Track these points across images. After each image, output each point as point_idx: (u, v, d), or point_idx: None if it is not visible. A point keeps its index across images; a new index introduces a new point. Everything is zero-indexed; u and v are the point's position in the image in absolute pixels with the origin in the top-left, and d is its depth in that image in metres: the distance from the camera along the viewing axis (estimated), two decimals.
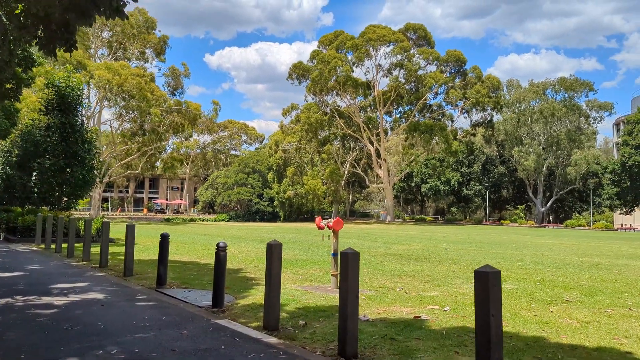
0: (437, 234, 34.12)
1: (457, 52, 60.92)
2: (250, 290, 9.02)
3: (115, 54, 52.25)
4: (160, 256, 9.36)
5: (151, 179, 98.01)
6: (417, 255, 16.83)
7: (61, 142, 20.16)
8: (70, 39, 6.14)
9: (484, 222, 67.87)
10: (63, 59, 39.12)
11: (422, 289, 9.65)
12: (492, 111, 63.81)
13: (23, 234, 18.97)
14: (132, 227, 10.64)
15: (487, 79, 60.79)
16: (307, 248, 19.06)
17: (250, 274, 11.18)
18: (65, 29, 6.03)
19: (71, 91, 20.58)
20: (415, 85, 62.73)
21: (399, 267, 13.39)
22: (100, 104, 49.87)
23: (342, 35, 62.51)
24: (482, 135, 70.08)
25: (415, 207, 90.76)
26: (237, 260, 14.01)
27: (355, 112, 64.37)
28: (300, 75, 64.03)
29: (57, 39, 6.06)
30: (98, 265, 12.04)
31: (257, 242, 21.85)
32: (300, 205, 71.55)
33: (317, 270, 12.22)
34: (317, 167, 68.33)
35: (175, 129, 53.52)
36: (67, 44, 6.13)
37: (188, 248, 17.94)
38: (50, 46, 6.16)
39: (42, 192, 20.19)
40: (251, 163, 79.87)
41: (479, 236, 32.86)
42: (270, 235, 28.94)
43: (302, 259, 14.68)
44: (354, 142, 70.17)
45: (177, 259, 14.26)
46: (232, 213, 77.03)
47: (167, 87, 55.75)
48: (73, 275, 10.63)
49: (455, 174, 71.60)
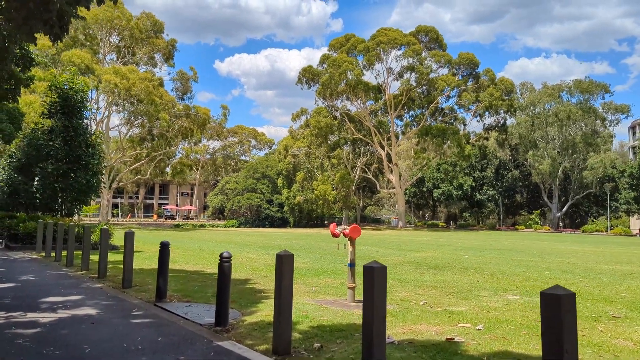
0: (452, 240, 33.08)
1: (470, 55, 59.88)
2: (258, 305, 8.16)
3: (124, 59, 51.87)
4: (159, 267, 8.53)
5: (161, 185, 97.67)
6: (436, 264, 15.88)
7: (64, 146, 19.48)
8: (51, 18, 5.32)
9: (497, 227, 66.55)
10: (71, 62, 38.74)
11: (447, 303, 8.73)
12: (506, 114, 62.64)
13: (24, 242, 18.28)
14: (131, 234, 9.83)
15: (501, 82, 59.64)
16: (319, 256, 18.19)
17: (258, 285, 10.32)
18: (44, 8, 5.23)
19: (75, 93, 19.92)
20: (426, 88, 61.73)
21: (418, 276, 12.47)
22: (109, 109, 49.46)
23: (353, 39, 61.73)
24: (495, 139, 68.84)
25: (427, 212, 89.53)
26: (245, 270, 13.16)
27: (365, 116, 63.49)
28: (309, 79, 63.30)
29: (35, 18, 5.25)
30: (96, 275, 11.24)
31: (266, 250, 21.01)
32: (310, 210, 70.65)
33: (330, 281, 11.34)
34: (327, 172, 67.46)
35: (184, 134, 52.93)
36: (46, 25, 5.32)
37: (194, 256, 17.13)
38: (27, 27, 5.36)
39: (45, 197, 19.50)
40: (261, 168, 79.15)
41: (495, 242, 31.78)
42: (280, 241, 28.09)
43: (315, 268, 13.80)
44: (365, 146, 69.23)
45: (182, 267, 13.45)
46: (242, 219, 76.28)
47: (176, 91, 55.30)
48: (68, 287, 9.83)
49: (468, 179, 70.37)
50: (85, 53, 42.92)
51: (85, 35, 47.90)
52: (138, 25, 49.52)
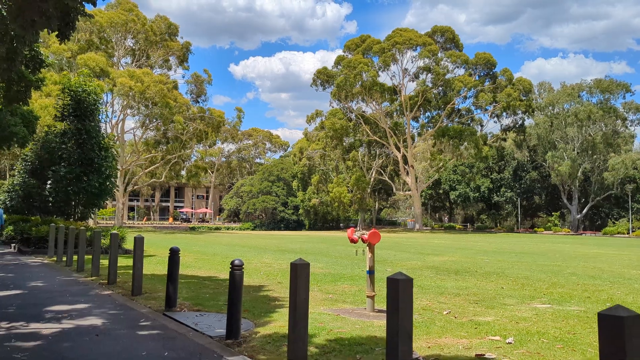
0: (470, 243, 32.38)
1: (487, 55, 59.02)
2: (272, 315, 7.73)
3: (139, 62, 51.96)
4: (169, 274, 8.15)
5: (177, 187, 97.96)
6: (456, 269, 15.32)
7: (77, 149, 19.29)
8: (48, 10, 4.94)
9: (516, 229, 65.43)
10: (86, 66, 38.79)
11: (473, 312, 8.21)
12: (524, 115, 61.62)
13: (37, 246, 18.11)
14: (140, 239, 9.48)
15: (519, 82, 58.65)
16: (335, 260, 17.73)
17: (273, 293, 9.89)
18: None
19: (87, 96, 19.74)
20: (443, 89, 60.99)
21: (439, 282, 11.95)
22: (124, 112, 49.53)
23: (368, 40, 61.24)
24: (513, 140, 67.75)
25: (443, 214, 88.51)
26: (260, 275, 12.75)
27: (381, 117, 62.90)
28: (324, 81, 62.91)
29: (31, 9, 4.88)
30: (106, 281, 10.91)
31: (281, 254, 20.60)
32: (326, 213, 70.21)
33: (348, 287, 10.87)
34: (342, 175, 66.95)
35: (199, 137, 52.83)
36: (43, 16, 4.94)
37: (207, 261, 16.78)
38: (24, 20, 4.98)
39: (58, 201, 19.32)
40: (275, 171, 78.94)
41: (515, 245, 31.01)
42: (295, 245, 27.68)
43: (331, 273, 13.35)
44: (380, 148, 68.59)
45: (195, 273, 13.08)
46: (257, 221, 76.10)
47: (190, 94, 55.25)
48: (75, 294, 9.50)
49: (485, 180, 69.34)
50: (100, 56, 43.04)
51: (100, 39, 48.07)
52: (153, 28, 49.55)
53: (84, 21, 45.94)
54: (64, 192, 19.07)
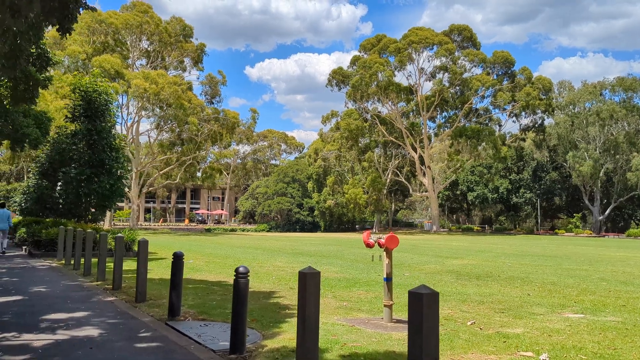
0: (490, 246, 31.52)
1: (505, 53, 57.93)
2: (281, 325, 7.17)
3: (153, 63, 51.93)
4: (172, 281, 7.65)
5: (192, 189, 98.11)
6: (478, 273, 14.62)
7: (87, 150, 18.97)
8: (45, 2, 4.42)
9: (535, 231, 64.10)
10: (101, 68, 38.72)
11: (499, 323, 7.57)
12: (543, 114, 60.36)
13: (47, 248, 17.81)
14: (144, 243, 8.99)
15: (538, 80, 57.45)
16: (350, 263, 17.13)
17: (284, 300, 9.33)
18: None
19: (98, 96, 19.42)
20: (460, 88, 60.03)
21: (460, 289, 11.29)
22: (139, 114, 49.50)
23: (384, 39, 60.54)
24: (532, 140, 66.42)
25: (460, 215, 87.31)
26: (271, 280, 12.21)
27: (397, 118, 62.10)
28: (340, 81, 62.36)
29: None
30: (111, 286, 10.46)
31: (294, 256, 20.05)
32: (341, 214, 69.54)
33: (363, 294, 10.27)
34: (358, 176, 66.25)
35: (214, 138, 52.60)
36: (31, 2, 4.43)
37: (218, 264, 16.30)
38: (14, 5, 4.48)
39: (68, 203, 19.01)
40: (291, 172, 78.55)
41: (536, 248, 30.08)
42: (309, 247, 27.13)
43: (346, 278, 12.75)
44: (396, 149, 67.78)
45: (204, 277, 12.59)
46: (273, 223, 75.76)
47: (205, 95, 55.07)
48: (77, 300, 9.05)
49: (504, 181, 68.08)
50: (115, 58, 43.02)
51: (115, 41, 48.12)
52: (167, 30, 49.46)
53: (98, 22, 46.04)
54: (74, 193, 18.74)
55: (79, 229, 14.05)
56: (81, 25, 45.72)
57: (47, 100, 36.36)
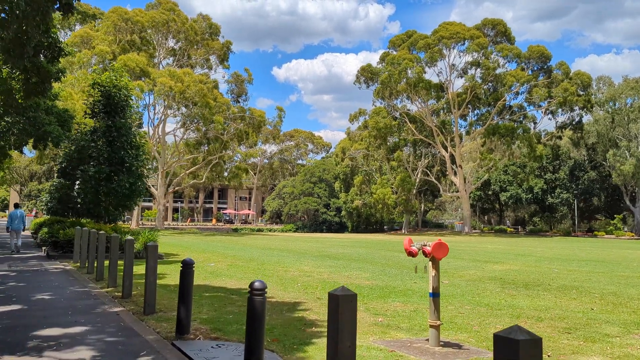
0: (528, 249, 29.80)
1: (541, 48, 55.67)
2: (307, 348, 6.03)
3: (180, 62, 51.53)
4: (181, 294, 6.60)
5: (220, 189, 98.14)
6: (524, 280, 13.23)
7: (107, 148, 18.22)
8: None
9: (572, 233, 61.50)
10: (126, 66, 38.35)
11: (570, 348, 6.27)
12: (581, 111, 57.82)
13: (64, 250, 17.12)
14: (153, 247, 7.97)
15: (576, 76, 55.03)
16: (382, 268, 15.90)
17: (310, 314, 8.19)
18: None
19: (118, 91, 18.66)
20: (493, 85, 58.01)
21: (510, 300, 9.97)
22: (165, 113, 49.12)
23: (414, 35, 58.97)
24: (570, 138, 63.81)
25: (492, 216, 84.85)
26: (296, 288, 11.09)
27: (427, 116, 60.41)
28: (368, 78, 61.04)
29: None
30: (121, 294, 9.50)
31: (322, 259, 18.91)
32: (369, 215, 68.10)
33: (400, 306, 9.06)
34: (386, 176, 64.75)
35: (240, 137, 51.89)
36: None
37: (241, 268, 15.27)
38: None
39: (86, 202, 18.29)
40: (317, 172, 77.55)
41: (579, 251, 28.26)
42: (337, 249, 25.95)
43: (379, 287, 11.55)
44: (426, 148, 66.04)
45: (223, 284, 11.55)
46: (299, 223, 74.91)
47: (231, 94, 54.38)
48: (79, 311, 8.09)
49: (539, 181, 65.57)
50: (140, 57, 42.65)
51: (142, 39, 47.82)
52: (194, 27, 48.94)
53: (124, 21, 45.78)
54: (93, 192, 18.00)
55: (92, 230, 13.20)
56: (107, 24, 45.58)
57: (74, 99, 36.08)
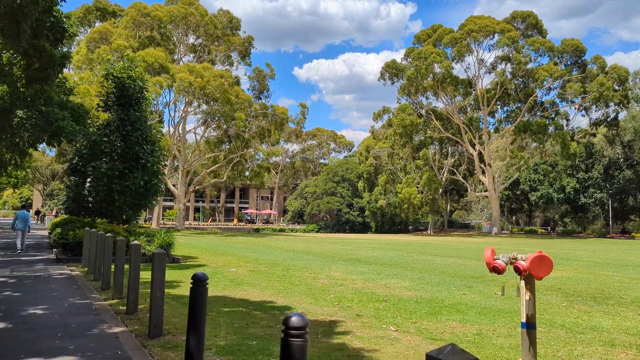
0: (571, 252, 27.76)
1: (575, 41, 53.18)
2: None
3: (200, 58, 50.43)
4: (191, 318, 5.14)
5: (241, 188, 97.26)
6: (588, 292, 11.48)
7: (120, 143, 16.96)
8: None
9: (608, 234, 58.78)
10: (144, 62, 37.34)
11: None
12: (617, 107, 55.06)
13: (74, 252, 15.91)
14: (160, 255, 6.54)
15: (613, 70, 52.37)
16: (420, 275, 14.26)
17: (352, 339, 6.64)
18: None
19: (132, 82, 17.39)
20: (523, 80, 55.67)
21: (587, 319, 8.28)
22: (185, 110, 48.04)
23: (439, 29, 56.98)
24: (604, 135, 61.07)
25: (521, 217, 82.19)
26: (329, 300, 9.56)
27: (454, 113, 58.35)
28: (393, 74, 59.21)
29: None
30: (125, 309, 8.10)
31: (352, 264, 17.35)
32: (393, 215, 66.24)
33: (458, 326, 7.46)
34: (411, 175, 62.82)
35: (262, 135, 50.54)
36: None
37: (265, 274, 13.80)
38: None
39: (98, 201, 17.06)
40: (340, 171, 75.95)
41: (628, 255, 26.15)
42: (366, 252, 24.36)
43: (425, 299, 9.94)
44: (453, 146, 63.94)
45: (245, 295, 10.10)
46: (322, 223, 73.44)
47: (252, 90, 53.07)
48: (72, 333, 6.69)
49: (571, 180, 62.94)
50: (159, 52, 41.59)
51: (162, 35, 46.81)
52: (213, 21, 47.75)
53: (143, 16, 44.82)
54: (105, 191, 16.75)
55: (99, 232, 11.88)
56: (127, 20, 44.66)
57: (91, 95, 35.16)
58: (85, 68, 43.23)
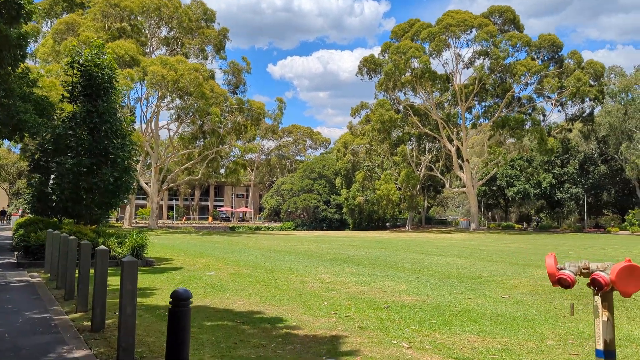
0: (556, 248, 27.31)
1: (552, 36, 53.26)
2: None
3: (173, 51, 48.69)
4: (170, 348, 4.04)
5: (216, 186, 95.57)
6: None
7: (87, 136, 15.61)
8: None
9: (584, 229, 59.22)
10: (115, 54, 35.63)
11: None
12: (593, 102, 55.43)
13: (36, 256, 14.53)
14: (131, 264, 5.42)
15: (589, 65, 52.62)
16: (415, 276, 13.33)
17: (361, 359, 5.64)
18: None
19: (100, 71, 16.04)
20: (501, 76, 55.55)
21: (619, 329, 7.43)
22: (158, 105, 46.33)
23: (417, 24, 56.42)
24: (580, 130, 61.49)
25: (497, 212, 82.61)
26: (324, 310, 8.53)
27: (432, 108, 57.91)
28: (370, 69, 58.47)
29: None
30: (91, 324, 6.93)
31: (339, 265, 16.36)
32: (371, 212, 65.57)
33: (478, 340, 6.52)
34: (389, 171, 62.22)
35: (238, 131, 49.09)
36: None
37: (248, 277, 12.69)
38: None
39: (63, 200, 15.69)
40: (317, 168, 74.97)
41: (613, 250, 25.81)
42: (350, 250, 23.41)
43: (429, 305, 8.99)
44: (431, 142, 63.60)
45: (229, 304, 8.99)
46: (298, 221, 72.39)
47: (228, 85, 51.56)
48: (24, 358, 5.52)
49: (547, 176, 63.26)
50: (130, 44, 39.80)
51: (132, 27, 44.94)
52: (187, 13, 46.07)
53: (112, 6, 42.96)
54: (71, 189, 15.39)
55: (63, 234, 10.61)
56: (95, 10, 42.71)
57: (58, 89, 33.33)
58: (52, 61, 41.26)
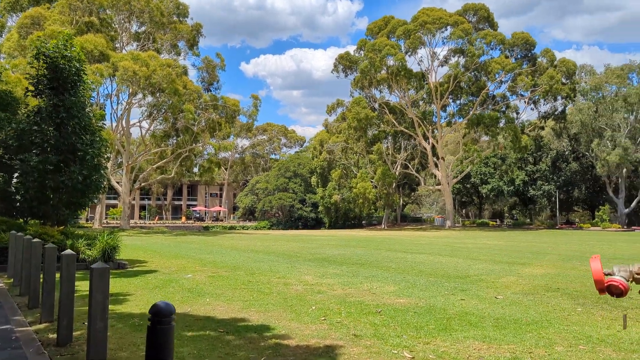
0: (534, 246, 27.35)
1: (525, 34, 53.72)
2: None
3: (144, 47, 47.34)
4: None
5: (189, 185, 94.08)
6: (593, 292, 10.44)
7: (54, 132, 14.69)
8: None
9: (557, 225, 60.02)
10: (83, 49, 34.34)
11: None
12: (565, 100, 56.16)
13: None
14: (101, 272, 4.77)
15: (562, 63, 53.27)
16: (402, 276, 12.87)
17: None
18: None
19: (67, 63, 15.13)
20: (475, 74, 55.79)
21: (619, 329, 7.10)
22: (129, 102, 45.00)
23: (392, 21, 56.23)
24: (552, 128, 62.27)
25: (471, 210, 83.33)
26: (313, 315, 7.96)
27: (407, 106, 57.85)
28: (346, 67, 58.09)
29: None
30: (56, 337, 6.22)
31: (321, 265, 15.82)
32: (348, 210, 65.27)
33: (482, 347, 6.06)
34: (365, 169, 62.00)
35: (212, 128, 48.06)
36: None
37: (227, 280, 12.03)
38: None
39: (27, 199, 14.74)
40: (292, 167, 74.32)
41: (590, 247, 25.94)
42: (331, 250, 22.88)
43: (423, 308, 8.51)
44: (406, 140, 63.59)
45: (210, 310, 8.34)
46: (274, 220, 71.63)
47: (202, 82, 50.47)
48: None
49: (520, 173, 63.95)
50: (99, 38, 38.45)
51: (101, 20, 43.50)
52: (159, 7, 44.82)
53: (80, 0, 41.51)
54: (36, 187, 14.45)
55: (27, 236, 9.80)
56: (62, 3, 41.14)
57: (23, 84, 31.98)
58: (18, 55, 39.72)
